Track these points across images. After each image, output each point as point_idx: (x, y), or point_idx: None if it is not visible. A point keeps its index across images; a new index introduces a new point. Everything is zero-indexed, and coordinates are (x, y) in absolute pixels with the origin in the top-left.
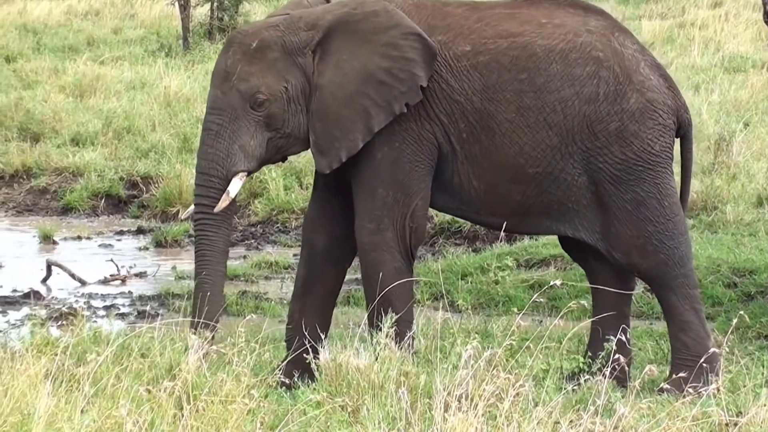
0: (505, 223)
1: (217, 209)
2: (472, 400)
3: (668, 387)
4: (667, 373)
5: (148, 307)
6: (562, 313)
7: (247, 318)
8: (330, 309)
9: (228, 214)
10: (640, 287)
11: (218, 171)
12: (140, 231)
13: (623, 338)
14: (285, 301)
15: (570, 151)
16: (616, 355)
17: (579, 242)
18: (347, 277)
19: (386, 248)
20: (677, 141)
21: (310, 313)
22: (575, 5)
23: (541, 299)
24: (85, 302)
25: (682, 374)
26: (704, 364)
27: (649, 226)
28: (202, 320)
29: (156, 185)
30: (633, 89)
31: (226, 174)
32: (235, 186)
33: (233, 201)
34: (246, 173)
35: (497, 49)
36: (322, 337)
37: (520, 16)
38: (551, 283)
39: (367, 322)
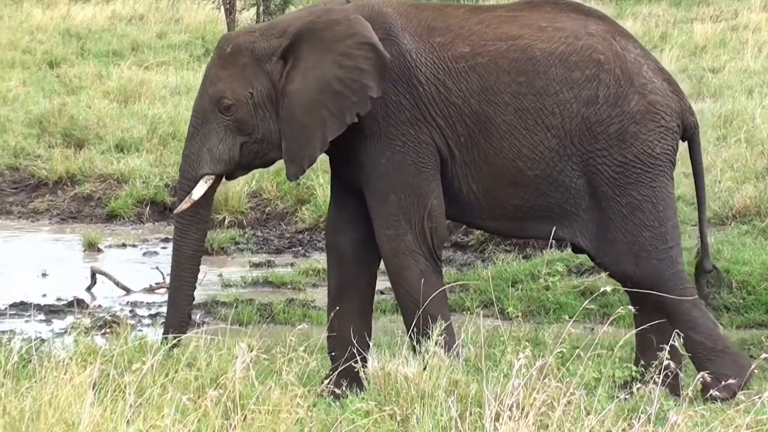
0: (509, 227)
1: (176, 211)
2: (522, 409)
3: (718, 394)
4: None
5: (193, 316)
6: (610, 320)
7: (298, 328)
8: (369, 313)
9: (198, 219)
10: None
11: (189, 173)
12: None
13: (674, 345)
14: None
15: (568, 153)
16: (666, 362)
17: None
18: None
19: (408, 252)
20: (685, 145)
21: (350, 320)
22: (576, 9)
23: (592, 305)
24: (130, 311)
25: (711, 373)
26: (728, 358)
27: (645, 231)
28: (167, 327)
29: None
30: (634, 91)
31: (195, 176)
32: (199, 189)
33: (207, 204)
34: (213, 176)
35: (496, 51)
36: (369, 342)
37: (520, 19)
38: (602, 289)
39: (405, 329)
